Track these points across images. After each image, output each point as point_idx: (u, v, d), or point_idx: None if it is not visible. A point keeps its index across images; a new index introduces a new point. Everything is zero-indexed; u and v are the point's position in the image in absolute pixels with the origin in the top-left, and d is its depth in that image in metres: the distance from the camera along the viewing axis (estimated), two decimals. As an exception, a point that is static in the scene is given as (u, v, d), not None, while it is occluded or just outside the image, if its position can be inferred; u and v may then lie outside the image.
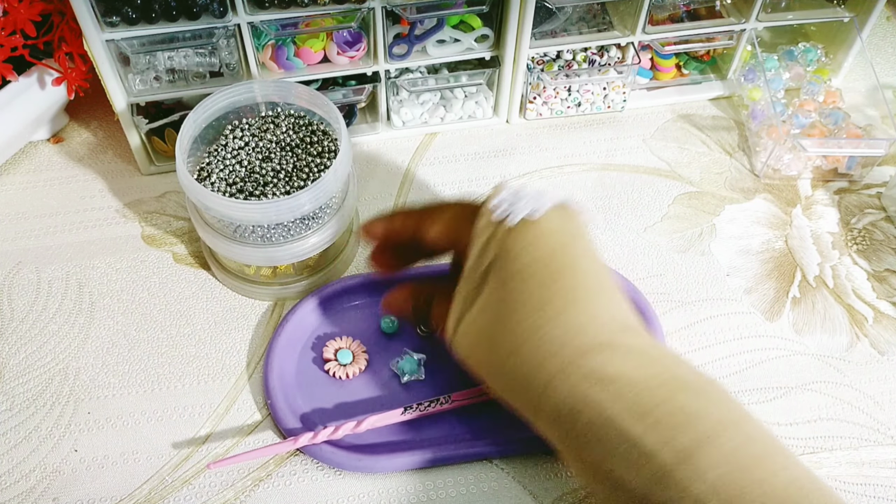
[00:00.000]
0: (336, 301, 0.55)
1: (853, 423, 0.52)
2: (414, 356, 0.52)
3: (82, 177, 0.64)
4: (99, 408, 0.51)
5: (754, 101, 0.68)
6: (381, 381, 0.52)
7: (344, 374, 0.51)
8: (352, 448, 0.48)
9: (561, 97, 0.67)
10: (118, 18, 0.54)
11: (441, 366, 0.52)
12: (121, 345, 0.54)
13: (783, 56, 0.70)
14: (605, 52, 0.67)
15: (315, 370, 0.52)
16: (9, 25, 0.56)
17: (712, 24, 0.66)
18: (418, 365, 0.52)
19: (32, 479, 0.48)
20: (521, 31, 0.61)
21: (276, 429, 0.50)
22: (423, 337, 0.53)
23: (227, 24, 0.55)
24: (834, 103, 0.67)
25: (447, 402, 0.49)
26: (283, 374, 0.51)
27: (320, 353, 0.53)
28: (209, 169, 0.53)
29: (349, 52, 0.60)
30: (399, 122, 0.67)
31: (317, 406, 0.51)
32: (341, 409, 0.51)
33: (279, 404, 0.50)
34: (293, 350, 0.53)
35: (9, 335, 0.55)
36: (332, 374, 0.52)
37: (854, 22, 0.68)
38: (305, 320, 0.54)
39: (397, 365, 0.52)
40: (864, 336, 0.56)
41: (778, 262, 0.60)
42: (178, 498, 0.48)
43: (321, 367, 0.52)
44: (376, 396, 0.51)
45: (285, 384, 0.51)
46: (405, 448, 0.49)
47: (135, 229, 0.61)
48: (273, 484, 0.48)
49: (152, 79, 0.59)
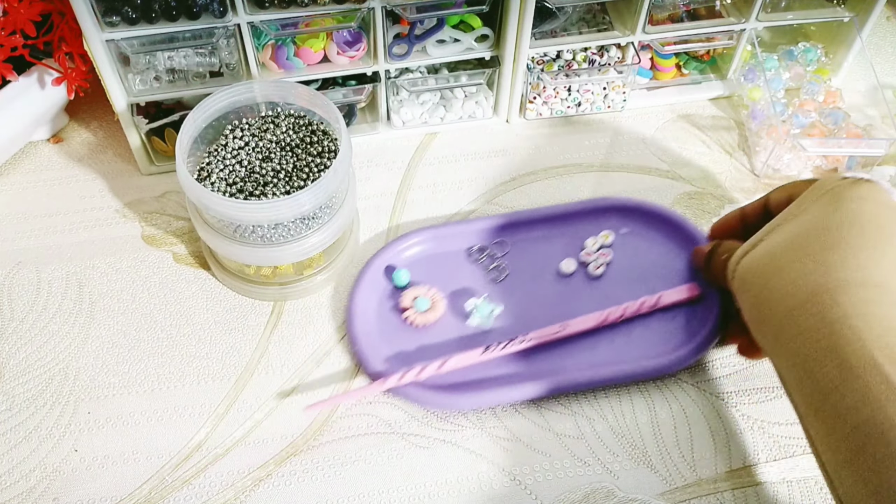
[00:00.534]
0: (409, 251, 0.58)
1: (853, 422, 0.52)
2: (489, 304, 0.54)
3: (82, 177, 0.64)
4: (99, 408, 0.51)
5: (754, 101, 0.68)
6: (458, 327, 0.55)
7: (423, 321, 0.54)
8: (436, 388, 0.51)
9: (561, 97, 0.67)
10: (118, 18, 0.54)
11: (512, 321, 0.55)
12: (121, 345, 0.54)
13: (783, 56, 0.70)
14: (605, 51, 0.67)
15: (395, 318, 0.55)
16: (9, 25, 0.56)
17: (712, 23, 0.66)
18: (490, 313, 0.54)
19: (33, 479, 0.48)
20: (521, 31, 0.61)
21: (363, 374, 0.53)
22: None
23: (227, 23, 0.55)
24: (834, 103, 0.67)
25: (525, 341, 0.52)
26: (366, 322, 0.54)
27: (398, 303, 0.55)
28: (209, 169, 0.53)
29: (349, 52, 0.60)
30: (399, 122, 0.67)
31: (399, 350, 0.53)
32: (422, 352, 0.53)
33: (365, 350, 0.52)
34: (373, 300, 0.56)
35: (9, 335, 0.55)
36: (410, 322, 0.54)
37: (854, 22, 0.68)
38: (380, 273, 0.57)
39: (473, 305, 0.54)
40: (864, 336, 0.56)
41: (778, 261, 0.60)
42: (178, 498, 0.48)
43: (400, 315, 0.55)
44: (454, 339, 0.54)
45: (368, 331, 0.54)
46: (486, 387, 0.51)
47: (135, 229, 0.61)
48: (273, 484, 0.48)
49: (152, 79, 0.59)
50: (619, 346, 0.54)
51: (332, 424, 0.51)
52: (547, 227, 0.60)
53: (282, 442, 0.50)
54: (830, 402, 0.37)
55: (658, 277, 0.57)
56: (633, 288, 0.56)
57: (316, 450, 0.50)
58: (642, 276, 0.57)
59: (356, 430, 0.51)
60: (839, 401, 0.36)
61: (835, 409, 0.37)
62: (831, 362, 0.37)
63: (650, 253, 0.58)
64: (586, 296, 0.56)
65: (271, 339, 0.55)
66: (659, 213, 0.60)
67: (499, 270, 0.57)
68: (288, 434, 0.50)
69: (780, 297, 0.41)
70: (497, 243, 0.59)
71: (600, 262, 0.57)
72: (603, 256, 0.58)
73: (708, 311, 0.54)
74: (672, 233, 0.59)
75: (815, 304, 0.39)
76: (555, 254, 0.58)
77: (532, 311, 0.55)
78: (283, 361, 0.54)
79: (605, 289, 0.57)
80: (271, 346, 0.54)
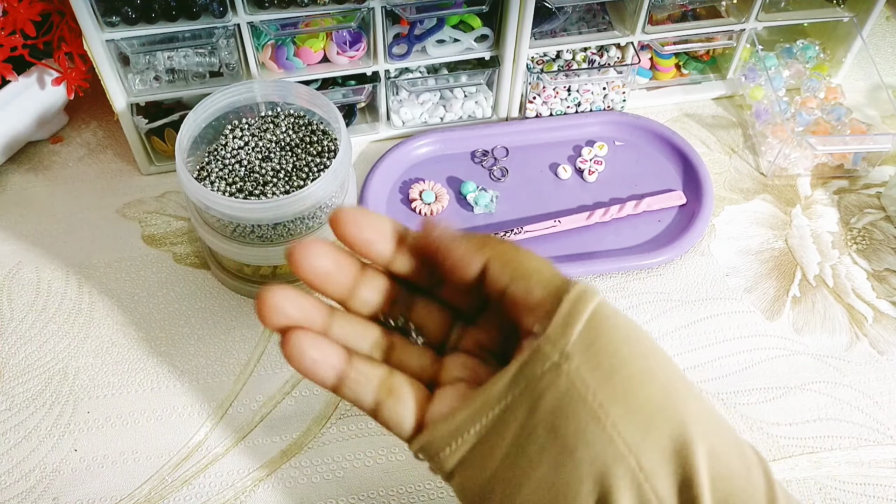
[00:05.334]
0: (417, 151, 0.65)
1: (853, 422, 0.52)
2: (488, 191, 0.61)
3: (82, 176, 0.64)
4: (98, 407, 0.51)
5: (756, 100, 0.68)
6: (460, 217, 0.61)
7: (428, 211, 0.60)
8: None
9: (561, 97, 0.67)
10: (118, 18, 0.54)
11: (510, 205, 0.62)
12: (120, 344, 0.54)
13: (782, 54, 0.70)
14: (604, 51, 0.67)
15: (404, 209, 0.61)
16: (8, 25, 0.56)
17: (712, 23, 0.66)
18: (491, 200, 0.61)
19: (32, 479, 0.48)
20: (520, 31, 0.61)
21: None
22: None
23: (227, 23, 0.55)
24: (835, 99, 0.67)
25: (520, 233, 0.59)
26: (377, 212, 0.58)
27: (407, 195, 0.62)
28: (209, 168, 0.53)
29: (349, 51, 0.60)
30: (399, 121, 0.67)
31: None
32: None
33: None
34: (383, 193, 0.62)
35: (8, 335, 0.55)
36: (418, 212, 0.61)
37: (854, 22, 0.68)
38: (391, 169, 0.63)
39: (473, 194, 0.61)
40: (864, 336, 0.56)
41: (778, 261, 0.60)
42: (178, 498, 0.48)
43: (409, 206, 0.61)
44: (462, 229, 0.58)
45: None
46: None
47: (135, 229, 0.61)
48: (273, 484, 0.48)
49: (152, 79, 0.59)
50: (608, 244, 0.60)
51: (332, 425, 0.51)
52: (547, 135, 0.67)
53: (282, 442, 0.50)
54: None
55: (647, 186, 0.63)
56: (623, 194, 0.63)
57: (316, 450, 0.50)
58: (632, 184, 0.64)
59: (356, 431, 0.51)
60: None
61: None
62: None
63: (641, 164, 0.65)
64: (579, 198, 0.63)
65: (271, 339, 0.55)
66: (651, 128, 0.66)
67: (500, 171, 0.64)
68: (288, 434, 0.50)
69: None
70: (500, 148, 0.66)
71: (594, 168, 0.64)
72: (597, 164, 0.64)
73: (691, 216, 0.61)
74: (662, 146, 0.66)
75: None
76: (552, 159, 0.65)
77: (529, 209, 0.62)
78: (283, 361, 0.53)
79: (597, 193, 0.63)
80: (271, 345, 0.54)
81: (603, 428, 0.27)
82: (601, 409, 0.27)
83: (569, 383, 0.28)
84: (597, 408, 0.27)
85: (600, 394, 0.27)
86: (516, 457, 0.28)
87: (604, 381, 0.27)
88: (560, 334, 0.28)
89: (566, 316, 0.28)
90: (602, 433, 0.27)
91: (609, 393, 0.27)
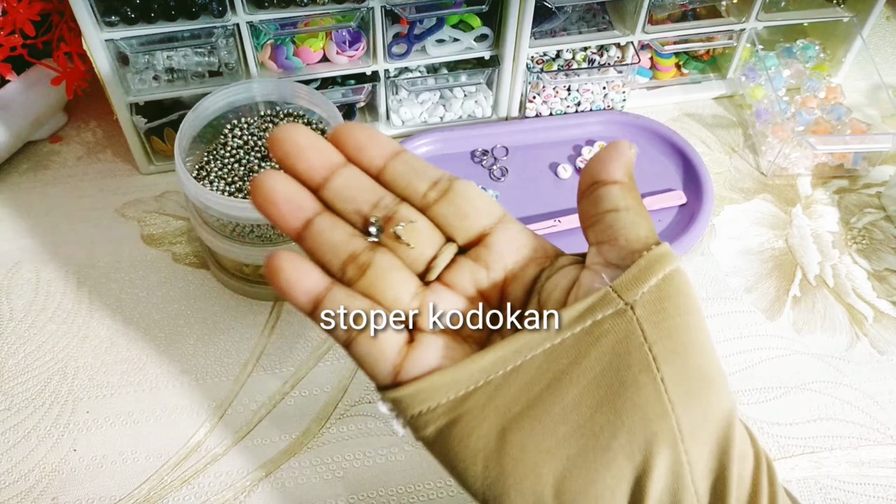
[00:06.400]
0: (417, 151, 0.64)
1: (853, 422, 0.52)
2: (488, 191, 0.61)
3: (82, 176, 0.64)
4: (98, 407, 0.51)
5: (757, 99, 0.68)
6: None
7: None
8: None
9: (560, 97, 0.67)
10: (117, 18, 0.54)
11: (510, 205, 0.61)
12: (120, 344, 0.54)
13: (781, 53, 0.70)
14: (604, 51, 0.66)
15: None
16: (8, 25, 0.56)
17: (712, 23, 0.66)
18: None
19: (31, 479, 0.48)
20: (520, 31, 0.61)
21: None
22: None
23: (226, 23, 0.55)
24: (835, 99, 0.67)
25: None
26: None
27: None
28: (208, 168, 0.53)
29: (348, 51, 0.60)
30: (398, 121, 0.66)
31: None
32: None
33: None
34: None
35: (8, 334, 0.55)
36: None
37: (854, 22, 0.68)
38: None
39: None
40: (864, 335, 0.56)
41: (778, 261, 0.60)
42: (178, 498, 0.47)
43: None
44: None
45: None
46: None
47: (134, 229, 0.61)
48: (272, 484, 0.48)
49: (151, 78, 0.59)
50: None
51: (332, 424, 0.51)
52: (547, 135, 0.67)
53: (281, 442, 0.50)
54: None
55: (647, 185, 0.63)
56: None
57: (315, 450, 0.50)
58: None
59: (356, 431, 0.50)
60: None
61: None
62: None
63: (640, 164, 0.64)
64: None
65: (270, 339, 0.55)
66: (651, 127, 0.66)
67: (500, 171, 0.64)
68: (287, 434, 0.50)
69: None
70: (499, 147, 0.66)
71: None
72: None
73: (691, 216, 0.61)
74: (662, 146, 0.66)
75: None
76: (552, 159, 0.65)
77: (529, 208, 0.62)
78: (282, 361, 0.54)
79: None
80: (270, 345, 0.54)
81: (654, 379, 0.27)
82: (655, 363, 0.27)
83: (630, 330, 0.28)
84: (651, 360, 0.27)
85: (655, 348, 0.27)
86: (549, 403, 0.27)
87: (661, 338, 0.28)
88: (632, 285, 0.28)
89: (642, 269, 0.28)
90: (653, 384, 0.27)
91: (663, 350, 0.27)
